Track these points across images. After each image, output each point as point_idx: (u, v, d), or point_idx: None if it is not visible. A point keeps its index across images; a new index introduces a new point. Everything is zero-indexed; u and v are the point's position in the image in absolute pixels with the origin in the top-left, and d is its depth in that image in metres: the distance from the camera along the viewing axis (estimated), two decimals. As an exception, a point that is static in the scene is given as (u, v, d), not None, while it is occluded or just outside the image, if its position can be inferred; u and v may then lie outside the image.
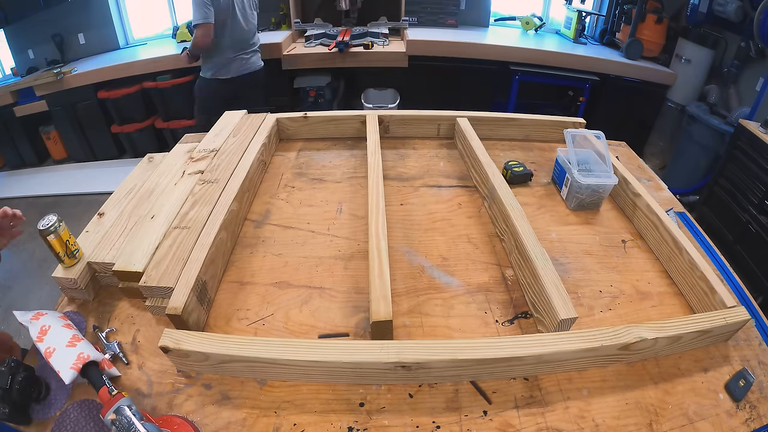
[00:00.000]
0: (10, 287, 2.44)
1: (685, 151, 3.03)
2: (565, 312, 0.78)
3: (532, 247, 0.90)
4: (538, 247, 0.91)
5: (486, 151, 1.25)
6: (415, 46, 3.09)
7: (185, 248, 0.90)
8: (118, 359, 0.80)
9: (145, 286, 0.84)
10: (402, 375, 0.74)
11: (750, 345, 0.87)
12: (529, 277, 0.90)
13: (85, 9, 3.37)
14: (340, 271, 0.98)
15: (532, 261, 0.88)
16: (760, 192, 2.17)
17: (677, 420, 0.74)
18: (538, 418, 0.73)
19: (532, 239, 0.93)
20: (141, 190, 1.14)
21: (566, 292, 0.81)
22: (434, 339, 0.83)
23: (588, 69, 3.12)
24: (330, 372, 0.75)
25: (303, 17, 3.53)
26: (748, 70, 2.72)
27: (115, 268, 0.88)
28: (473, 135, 1.35)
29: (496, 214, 1.10)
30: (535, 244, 0.91)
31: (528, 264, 0.90)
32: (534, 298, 0.88)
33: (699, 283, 0.91)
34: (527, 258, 0.90)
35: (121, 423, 0.62)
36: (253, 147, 1.28)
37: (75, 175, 3.42)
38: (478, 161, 1.23)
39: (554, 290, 0.81)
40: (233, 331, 0.85)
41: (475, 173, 1.27)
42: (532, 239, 0.93)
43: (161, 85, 3.22)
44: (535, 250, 0.90)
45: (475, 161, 1.26)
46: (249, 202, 1.17)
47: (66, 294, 0.93)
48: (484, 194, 1.19)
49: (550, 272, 0.85)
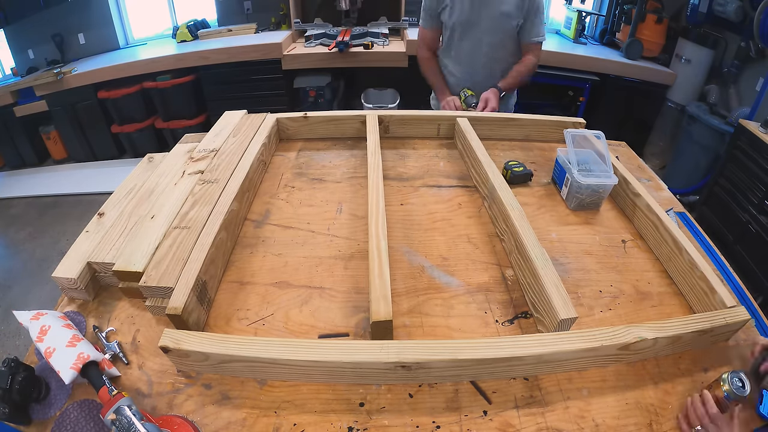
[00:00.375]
0: (10, 287, 2.44)
1: (685, 151, 3.03)
2: (565, 312, 0.78)
3: (532, 248, 0.90)
4: (538, 247, 0.90)
5: (486, 151, 1.25)
6: (415, 46, 3.08)
7: (185, 248, 0.90)
8: (118, 359, 0.80)
9: (145, 286, 0.84)
10: (402, 375, 0.74)
11: (750, 345, 0.87)
12: (529, 277, 0.90)
13: (85, 9, 3.38)
14: (340, 271, 0.98)
15: (532, 261, 0.88)
16: (760, 192, 2.17)
17: (677, 420, 0.74)
18: (538, 418, 0.73)
19: (532, 239, 0.92)
20: (141, 190, 1.14)
21: (566, 292, 0.81)
22: (434, 339, 0.83)
23: (588, 69, 3.12)
24: (330, 372, 0.75)
25: (303, 17, 3.54)
26: (748, 70, 2.72)
27: (115, 268, 0.87)
28: (473, 135, 1.35)
29: (496, 214, 1.10)
30: (535, 244, 0.91)
31: (528, 264, 0.90)
32: (534, 298, 0.88)
33: (699, 283, 0.91)
34: (527, 258, 0.90)
35: (121, 423, 0.62)
36: (253, 147, 1.28)
37: (75, 175, 3.43)
38: (478, 161, 1.23)
39: (554, 290, 0.81)
40: (233, 331, 0.85)
41: (475, 173, 1.27)
42: (532, 239, 0.92)
43: (161, 85, 3.22)
44: (535, 251, 0.89)
45: (475, 161, 1.26)
46: (249, 202, 1.17)
47: (66, 294, 0.93)
48: (484, 194, 1.19)
49: (550, 272, 0.85)
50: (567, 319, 0.77)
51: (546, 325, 0.83)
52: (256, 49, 3.11)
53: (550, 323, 0.80)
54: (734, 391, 0.67)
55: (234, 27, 3.53)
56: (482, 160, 1.21)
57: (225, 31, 3.50)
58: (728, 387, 0.68)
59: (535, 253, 0.89)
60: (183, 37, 3.45)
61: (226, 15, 3.67)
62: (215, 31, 3.53)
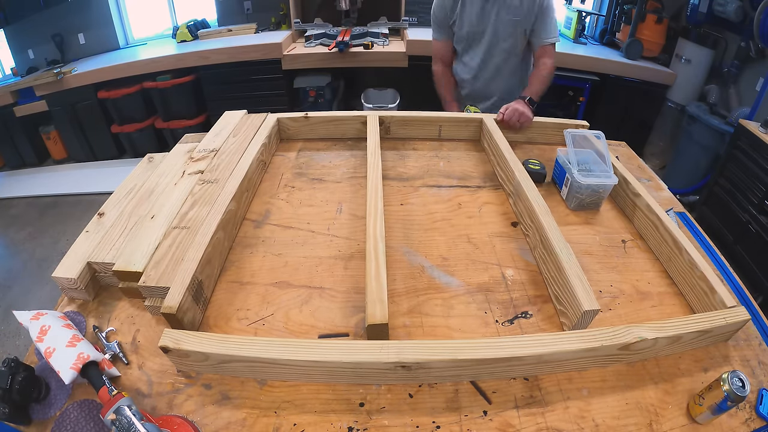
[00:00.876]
0: (10, 287, 2.44)
1: (685, 151, 3.03)
2: (589, 303, 0.79)
3: (557, 242, 0.92)
4: (562, 241, 0.92)
5: (512, 150, 1.27)
6: (415, 46, 3.09)
7: (184, 248, 0.91)
8: (118, 359, 0.80)
9: (144, 286, 0.84)
10: (402, 375, 0.74)
11: (750, 345, 0.87)
12: (553, 271, 0.92)
13: (85, 9, 3.38)
14: (340, 271, 0.98)
15: (556, 254, 0.90)
16: (760, 192, 2.17)
17: (677, 420, 0.74)
18: (538, 418, 0.73)
19: (557, 233, 0.94)
20: (141, 190, 1.14)
21: (590, 285, 0.82)
22: (434, 339, 0.83)
23: (588, 69, 3.12)
24: (330, 372, 0.75)
25: (303, 17, 3.54)
26: (748, 70, 2.72)
27: (115, 268, 0.88)
28: (500, 134, 1.37)
29: (521, 210, 1.11)
30: (559, 238, 0.93)
31: (552, 257, 0.92)
32: (558, 290, 0.89)
33: (699, 283, 0.91)
34: (552, 252, 0.92)
35: (121, 423, 0.62)
36: (252, 147, 1.28)
37: (75, 175, 3.42)
38: (504, 159, 1.25)
39: (578, 282, 0.82)
40: (233, 331, 0.85)
41: (501, 171, 1.29)
42: (557, 233, 0.94)
43: (161, 85, 3.22)
44: (560, 244, 0.91)
45: (501, 159, 1.28)
46: (248, 202, 1.17)
47: (66, 294, 0.93)
48: (509, 191, 1.21)
49: (574, 265, 0.87)
50: (590, 311, 0.78)
51: (569, 316, 0.83)
52: (256, 49, 3.11)
53: (574, 314, 0.81)
54: (734, 391, 0.67)
55: (234, 27, 3.52)
56: (508, 158, 1.23)
57: (225, 31, 3.50)
58: (728, 387, 0.68)
59: (559, 247, 0.91)
60: (183, 37, 3.45)
61: (226, 15, 3.67)
62: (215, 31, 3.53)
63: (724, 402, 0.69)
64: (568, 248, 0.91)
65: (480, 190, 1.26)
